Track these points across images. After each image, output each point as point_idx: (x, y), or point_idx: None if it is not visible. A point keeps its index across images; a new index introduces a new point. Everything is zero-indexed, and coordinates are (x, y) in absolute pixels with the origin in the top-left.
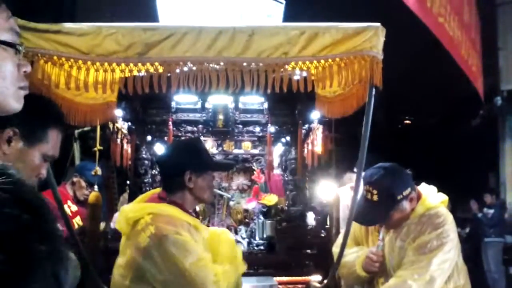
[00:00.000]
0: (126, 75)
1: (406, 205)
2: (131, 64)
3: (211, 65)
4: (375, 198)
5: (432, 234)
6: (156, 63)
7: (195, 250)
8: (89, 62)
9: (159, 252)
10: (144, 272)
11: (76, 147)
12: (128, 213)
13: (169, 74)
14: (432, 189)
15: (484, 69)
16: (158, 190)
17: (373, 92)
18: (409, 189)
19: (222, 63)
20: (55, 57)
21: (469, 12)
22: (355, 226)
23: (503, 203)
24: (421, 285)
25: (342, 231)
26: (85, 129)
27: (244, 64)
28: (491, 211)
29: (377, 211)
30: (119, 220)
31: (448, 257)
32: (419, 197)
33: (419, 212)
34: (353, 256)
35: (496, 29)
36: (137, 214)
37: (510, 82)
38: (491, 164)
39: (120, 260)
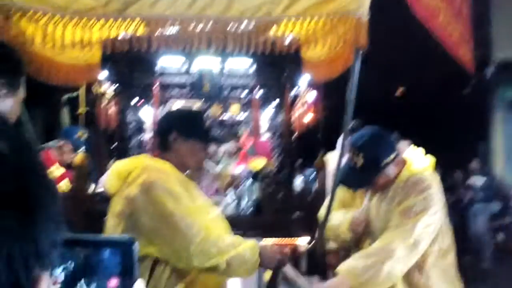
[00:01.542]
0: (106, 34)
1: (391, 169)
2: (110, 20)
3: (192, 24)
4: (360, 163)
5: (417, 198)
6: (137, 20)
7: (183, 198)
8: (66, 18)
9: (148, 198)
10: (135, 221)
11: (66, 112)
12: (120, 167)
13: (151, 35)
14: (419, 152)
15: (476, 37)
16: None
17: (359, 54)
18: (394, 154)
19: (203, 22)
20: (30, 12)
21: None
22: (341, 189)
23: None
24: (406, 248)
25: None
26: (74, 94)
27: (227, 22)
28: (482, 178)
29: (363, 176)
30: (110, 177)
31: (432, 220)
32: (405, 161)
33: (405, 177)
34: (339, 219)
35: None
36: (128, 168)
37: (502, 51)
38: (482, 133)
39: (110, 216)
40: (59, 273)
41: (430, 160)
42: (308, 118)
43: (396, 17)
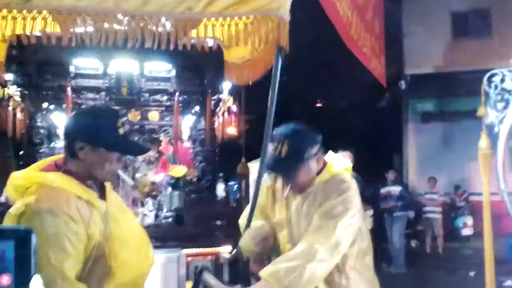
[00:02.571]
0: (10, 28)
1: (313, 164)
2: (15, 11)
3: (107, 18)
4: (284, 153)
5: (337, 199)
6: (44, 12)
7: (62, 240)
8: None
9: (26, 222)
10: None
11: None
12: (17, 180)
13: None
14: (337, 156)
15: (390, 54)
16: (59, 156)
17: (281, 54)
18: (317, 148)
19: (119, 15)
20: None
21: None
22: (262, 196)
23: (402, 181)
24: (328, 248)
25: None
26: None
27: (145, 17)
28: (399, 188)
29: (287, 163)
30: (8, 186)
31: (352, 221)
32: (324, 164)
33: (325, 178)
34: (247, 233)
35: (401, 17)
36: (26, 183)
37: (413, 67)
38: (396, 145)
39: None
40: None
41: (349, 163)
42: (231, 126)
43: (317, 33)
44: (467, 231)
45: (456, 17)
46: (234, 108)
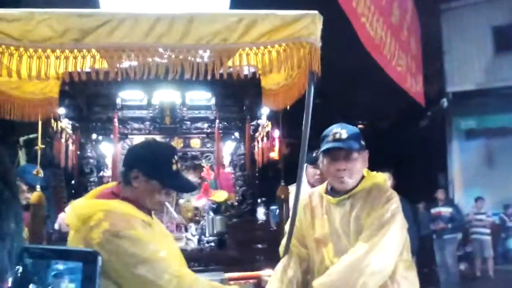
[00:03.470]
0: (63, 66)
1: (364, 158)
2: (67, 51)
3: (149, 52)
4: (345, 134)
5: (385, 207)
6: (93, 50)
7: (149, 244)
8: (21, 49)
9: (112, 247)
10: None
11: (22, 154)
12: (80, 209)
13: (109, 65)
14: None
15: (430, 72)
16: (112, 184)
17: (313, 79)
18: (364, 146)
19: (160, 49)
20: None
21: (399, 14)
22: (299, 216)
23: (453, 201)
24: (381, 258)
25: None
26: (31, 136)
27: (184, 50)
28: (450, 209)
29: (347, 143)
30: (70, 214)
31: (400, 231)
32: (363, 176)
33: (367, 185)
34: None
35: (441, 33)
36: (90, 211)
37: (455, 84)
38: (440, 164)
39: None
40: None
41: (384, 176)
42: (271, 151)
43: (354, 57)
44: None
45: (497, 31)
46: (275, 133)
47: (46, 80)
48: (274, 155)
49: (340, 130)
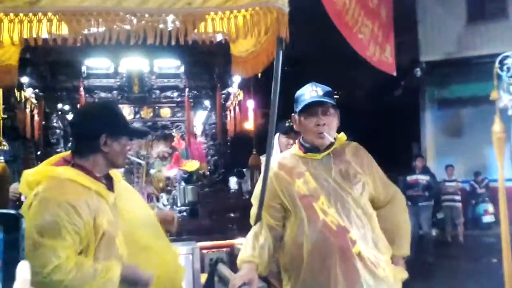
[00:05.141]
0: (18, 31)
1: (337, 118)
2: (21, 15)
3: (109, 17)
4: (320, 92)
5: (370, 157)
6: (49, 13)
7: (59, 227)
8: None
9: (31, 210)
10: None
11: None
12: (29, 176)
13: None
14: None
15: (404, 41)
16: (67, 153)
17: (281, 46)
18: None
19: (121, 14)
20: None
21: None
22: (270, 189)
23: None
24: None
25: None
26: None
27: (146, 15)
28: (427, 177)
29: (326, 99)
30: (21, 182)
31: None
32: None
33: (342, 142)
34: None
35: (415, 3)
36: (37, 177)
37: (428, 54)
38: (414, 133)
39: None
40: None
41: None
42: (244, 121)
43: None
44: (488, 218)
45: (471, 1)
46: (248, 103)
47: (1, 46)
48: (249, 125)
49: (315, 88)
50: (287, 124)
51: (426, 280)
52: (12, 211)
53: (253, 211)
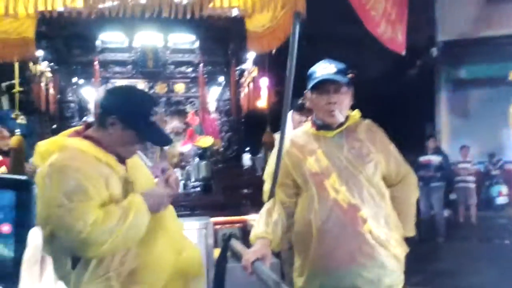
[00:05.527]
0: (36, 5)
1: (351, 96)
2: None
3: None
4: (333, 70)
5: (391, 146)
6: None
7: (85, 189)
8: None
9: (50, 180)
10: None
11: (4, 100)
12: (41, 147)
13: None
14: None
15: (421, 20)
16: (80, 127)
17: (298, 20)
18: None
19: None
20: None
21: None
22: (282, 166)
23: (442, 150)
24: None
25: None
26: (13, 82)
27: None
28: (439, 158)
29: (339, 76)
30: (35, 155)
31: None
32: None
33: (356, 120)
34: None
35: None
36: (49, 147)
37: (445, 34)
38: (429, 113)
39: None
40: None
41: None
42: (257, 99)
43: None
44: (501, 200)
45: None
46: (262, 81)
47: (16, 18)
48: (263, 104)
49: (328, 65)
50: (300, 102)
51: (438, 260)
52: (23, 177)
53: (266, 187)
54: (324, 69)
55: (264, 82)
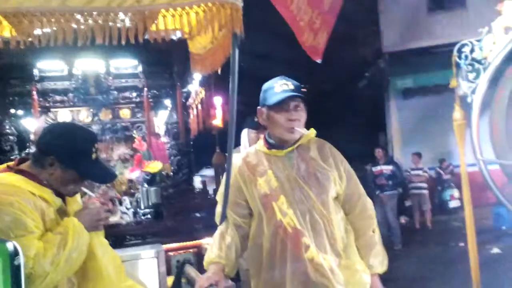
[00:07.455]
0: None
1: (305, 111)
2: None
3: (53, 18)
4: (291, 86)
5: (347, 166)
6: None
7: (24, 223)
8: None
9: None
10: None
11: None
12: None
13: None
14: None
15: (367, 32)
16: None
17: (237, 41)
18: None
19: (67, 13)
20: None
21: None
22: (238, 187)
23: (392, 159)
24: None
25: None
26: None
27: (93, 14)
28: (390, 167)
29: (298, 93)
30: None
31: None
32: None
33: (310, 137)
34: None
35: None
36: None
37: (391, 44)
38: (380, 123)
39: None
40: None
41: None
42: (212, 119)
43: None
44: (454, 203)
45: None
46: (215, 100)
47: None
48: (217, 122)
49: (286, 82)
50: (256, 119)
51: (396, 267)
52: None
53: (218, 209)
54: (282, 85)
55: (217, 101)
